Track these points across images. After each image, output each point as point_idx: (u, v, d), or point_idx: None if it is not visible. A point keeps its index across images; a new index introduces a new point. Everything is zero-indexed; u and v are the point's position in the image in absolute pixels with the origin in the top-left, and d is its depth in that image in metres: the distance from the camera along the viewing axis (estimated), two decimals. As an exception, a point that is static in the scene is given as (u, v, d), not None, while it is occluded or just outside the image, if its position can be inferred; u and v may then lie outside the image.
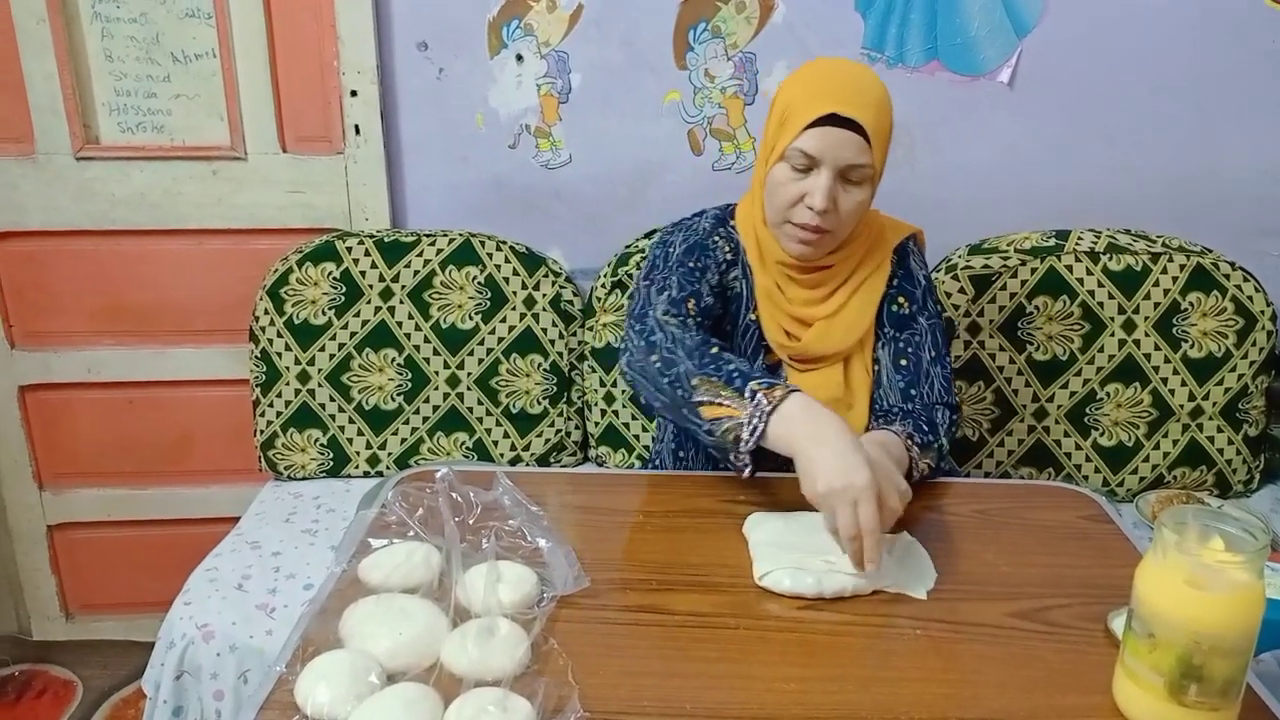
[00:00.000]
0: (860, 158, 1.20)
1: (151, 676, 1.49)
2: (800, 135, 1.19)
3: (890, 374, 1.34)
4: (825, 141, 1.19)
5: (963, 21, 1.83)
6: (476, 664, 0.83)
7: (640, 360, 1.20)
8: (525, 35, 1.84)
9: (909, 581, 0.99)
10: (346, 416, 1.86)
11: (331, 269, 1.81)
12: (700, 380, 1.12)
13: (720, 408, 1.09)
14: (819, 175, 1.20)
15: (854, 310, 1.32)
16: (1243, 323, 1.78)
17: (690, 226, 1.36)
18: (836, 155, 1.19)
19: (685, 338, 1.18)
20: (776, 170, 1.23)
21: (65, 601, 2.17)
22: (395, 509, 1.02)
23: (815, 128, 1.19)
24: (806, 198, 1.21)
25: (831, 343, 1.31)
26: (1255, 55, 1.85)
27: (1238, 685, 0.78)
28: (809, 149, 1.20)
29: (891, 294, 1.35)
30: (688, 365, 1.14)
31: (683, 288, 1.27)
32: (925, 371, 1.32)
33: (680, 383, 1.14)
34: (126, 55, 1.83)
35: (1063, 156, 1.91)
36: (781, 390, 1.06)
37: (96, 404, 2.03)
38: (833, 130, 1.19)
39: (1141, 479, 1.83)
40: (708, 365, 1.13)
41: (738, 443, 1.07)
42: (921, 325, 1.35)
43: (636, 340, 1.23)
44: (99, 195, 1.89)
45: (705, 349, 1.16)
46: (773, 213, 1.26)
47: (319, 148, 1.90)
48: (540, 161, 1.92)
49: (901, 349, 1.34)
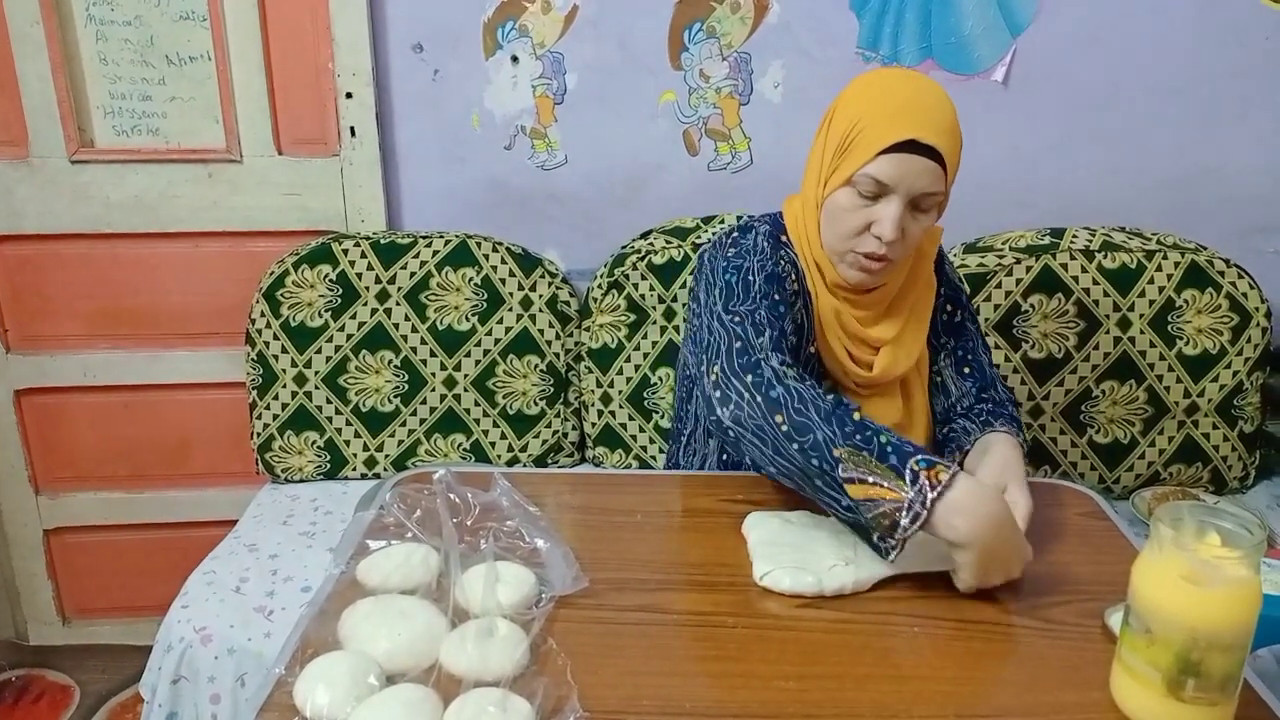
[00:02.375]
0: (935, 186, 1.12)
1: (149, 680, 1.49)
2: (873, 160, 1.10)
3: (957, 382, 1.32)
4: (901, 169, 1.10)
5: (957, 20, 1.83)
6: (475, 665, 0.83)
7: (758, 419, 1.04)
8: (520, 36, 1.85)
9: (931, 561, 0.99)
10: (344, 418, 1.86)
11: (328, 271, 1.81)
12: (847, 453, 0.98)
13: (872, 488, 0.96)
14: (889, 204, 1.12)
15: (913, 330, 1.27)
16: (1237, 319, 1.78)
17: (757, 249, 1.21)
18: (912, 184, 1.11)
19: (816, 398, 1.03)
20: (840, 196, 1.14)
21: (62, 606, 2.17)
22: (393, 510, 1.02)
23: (889, 153, 1.10)
24: (874, 226, 1.13)
25: (898, 367, 1.25)
26: (1251, 53, 1.85)
27: (1235, 680, 0.78)
28: (882, 176, 1.11)
29: (940, 304, 1.33)
30: (825, 432, 0.99)
31: (773, 325, 1.13)
32: (990, 376, 1.32)
33: (818, 452, 0.99)
34: (121, 58, 1.83)
35: (1058, 154, 1.92)
36: (945, 472, 0.95)
37: (93, 408, 2.02)
38: (909, 158, 1.10)
39: (1137, 476, 1.83)
40: (853, 435, 0.99)
41: (893, 528, 0.95)
42: (971, 330, 1.34)
43: (751, 395, 1.06)
44: (94, 199, 1.89)
45: (846, 414, 1.01)
46: (834, 239, 1.18)
47: (315, 150, 1.90)
48: (536, 163, 1.93)
49: (962, 357, 1.33)
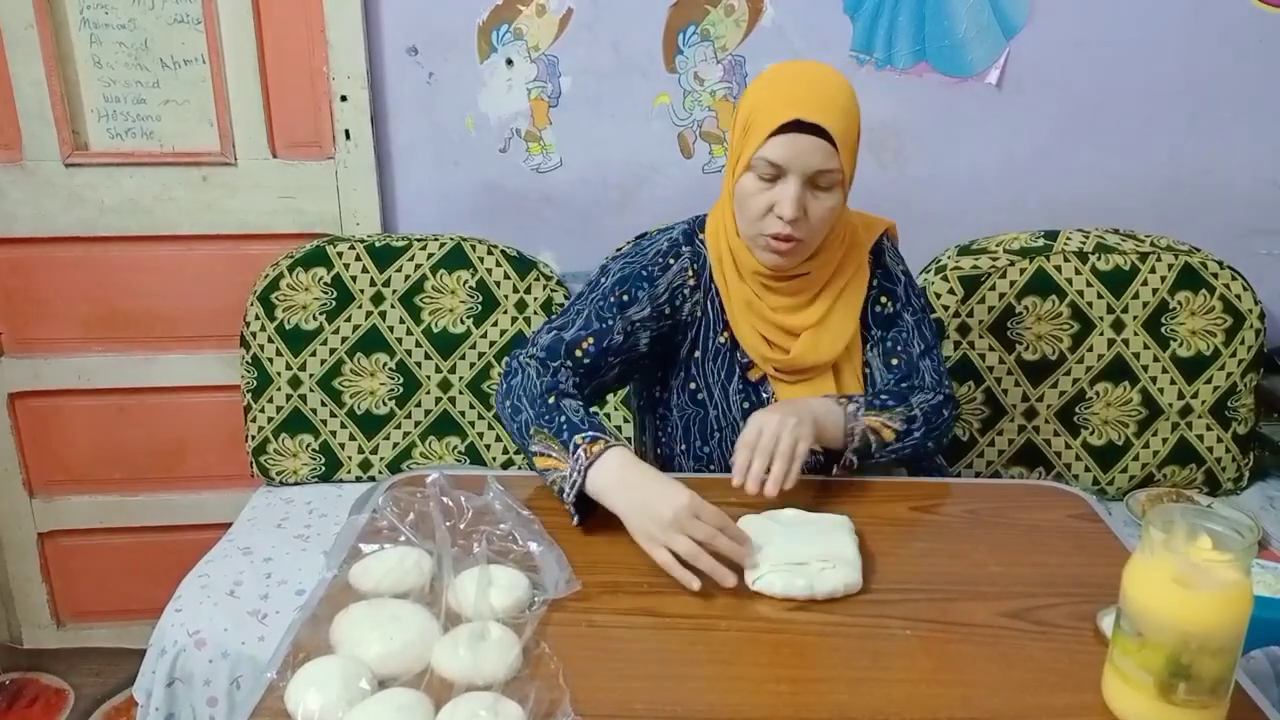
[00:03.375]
0: (828, 163, 1.17)
1: (143, 684, 1.49)
2: (765, 144, 1.16)
3: (883, 374, 1.34)
4: (791, 149, 1.16)
5: (950, 23, 1.83)
6: (468, 668, 0.83)
7: (499, 401, 1.24)
8: (515, 39, 1.85)
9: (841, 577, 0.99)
10: (338, 421, 1.86)
11: (322, 274, 1.81)
12: (536, 430, 1.14)
13: (549, 459, 1.11)
14: (787, 184, 1.17)
15: (839, 317, 1.29)
16: (1231, 321, 1.78)
17: (640, 252, 1.32)
18: (804, 162, 1.16)
19: (535, 385, 1.19)
20: (745, 181, 1.20)
21: (56, 609, 2.16)
22: (386, 514, 1.03)
23: (780, 135, 1.16)
24: (776, 207, 1.18)
25: (820, 353, 1.29)
26: (1244, 55, 1.86)
27: (1226, 683, 0.78)
28: (774, 157, 1.17)
29: (873, 295, 1.34)
30: (529, 414, 1.16)
31: (587, 326, 1.26)
32: (916, 367, 1.32)
33: (523, 431, 1.16)
34: (115, 61, 1.83)
35: (1051, 157, 1.92)
36: (603, 444, 1.08)
37: (87, 411, 2.02)
38: (798, 137, 1.16)
39: (1131, 478, 1.84)
40: (543, 415, 1.15)
41: (561, 494, 1.10)
42: (907, 321, 1.34)
43: (501, 381, 1.25)
44: (88, 202, 1.88)
45: (545, 398, 1.17)
46: (745, 225, 1.24)
47: (309, 153, 1.90)
48: (531, 165, 1.93)
49: (891, 348, 1.33)
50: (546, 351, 1.24)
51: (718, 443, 1.34)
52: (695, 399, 1.34)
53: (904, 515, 1.16)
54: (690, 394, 1.34)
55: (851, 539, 1.05)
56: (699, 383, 1.34)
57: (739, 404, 1.32)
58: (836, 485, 1.23)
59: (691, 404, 1.34)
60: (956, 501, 1.20)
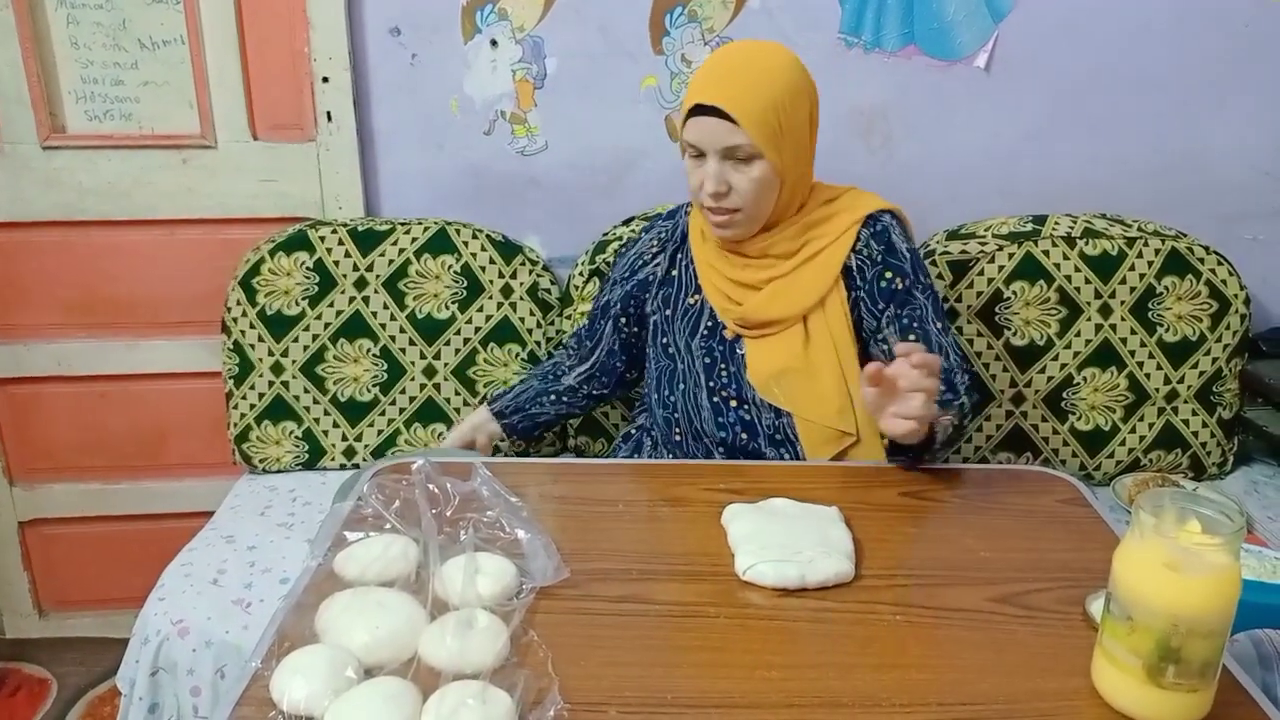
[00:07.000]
0: (733, 139, 1.26)
1: (126, 673, 1.47)
2: (684, 127, 1.30)
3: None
4: (699, 131, 1.28)
5: (939, 6, 1.82)
6: (455, 657, 0.82)
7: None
8: (500, 20, 1.82)
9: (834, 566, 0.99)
10: (321, 408, 1.84)
11: (305, 258, 1.79)
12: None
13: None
14: (708, 161, 1.29)
15: (806, 277, 1.36)
16: (1217, 306, 1.79)
17: (632, 243, 1.54)
18: (715, 141, 1.27)
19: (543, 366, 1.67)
20: (686, 161, 1.34)
21: (38, 598, 2.14)
22: (371, 501, 1.01)
23: (693, 118, 1.28)
24: (704, 184, 1.29)
25: (776, 308, 1.36)
26: (1232, 39, 1.85)
27: (1214, 666, 0.78)
28: (691, 139, 1.29)
29: (878, 270, 1.36)
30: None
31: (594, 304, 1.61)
32: (937, 344, 1.33)
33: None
34: (93, 42, 1.80)
35: (1040, 141, 1.92)
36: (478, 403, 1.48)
37: (68, 398, 2.00)
38: (703, 119, 1.27)
39: (1118, 462, 1.84)
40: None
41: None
42: (919, 299, 1.37)
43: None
44: (67, 185, 1.85)
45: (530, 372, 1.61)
46: (693, 199, 1.36)
47: (291, 135, 1.87)
48: (516, 148, 1.91)
49: (907, 325, 1.35)
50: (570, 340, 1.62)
51: (683, 392, 1.46)
52: (666, 352, 1.48)
53: (893, 501, 1.16)
54: (663, 348, 1.49)
55: (843, 529, 1.04)
56: (669, 338, 1.48)
57: (701, 359, 1.44)
58: (826, 472, 1.22)
59: (664, 356, 1.49)
60: (945, 487, 1.20)
